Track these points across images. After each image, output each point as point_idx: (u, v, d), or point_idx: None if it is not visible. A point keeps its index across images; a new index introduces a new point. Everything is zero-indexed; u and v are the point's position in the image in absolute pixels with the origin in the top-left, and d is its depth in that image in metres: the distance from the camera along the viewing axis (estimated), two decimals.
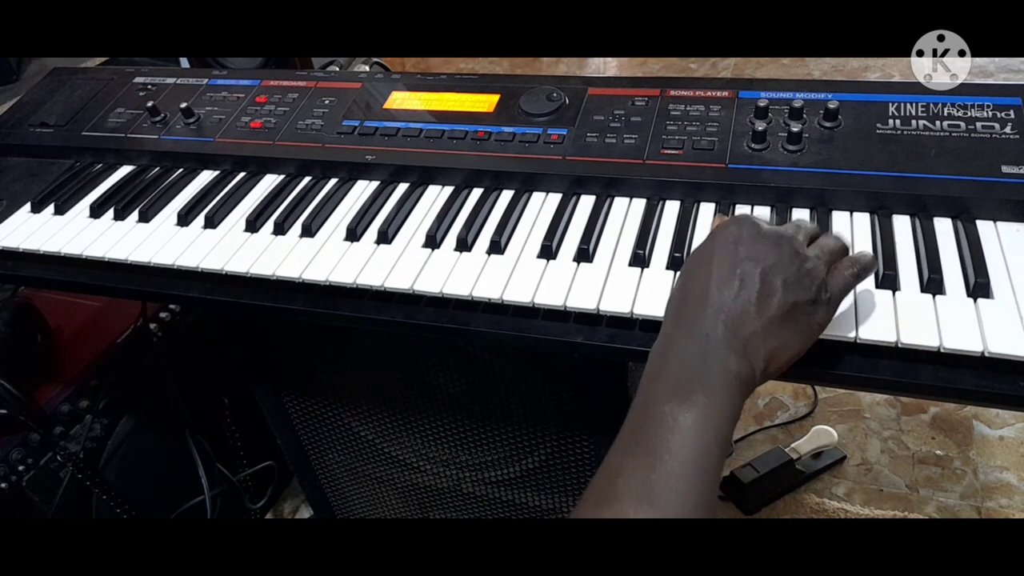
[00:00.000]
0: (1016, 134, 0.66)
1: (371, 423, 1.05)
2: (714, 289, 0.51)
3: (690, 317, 0.51)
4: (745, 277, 0.50)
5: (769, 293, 0.50)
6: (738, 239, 0.52)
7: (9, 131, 0.99)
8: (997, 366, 0.54)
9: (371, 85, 0.91)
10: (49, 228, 0.84)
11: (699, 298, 0.51)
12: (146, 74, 1.02)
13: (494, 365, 0.87)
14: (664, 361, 0.50)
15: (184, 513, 1.29)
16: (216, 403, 1.29)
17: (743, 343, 0.49)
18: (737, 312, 0.49)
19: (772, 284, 0.50)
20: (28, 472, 1.05)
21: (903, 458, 1.45)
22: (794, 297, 0.50)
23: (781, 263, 0.51)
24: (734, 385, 0.48)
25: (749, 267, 0.51)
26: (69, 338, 1.18)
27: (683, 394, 0.47)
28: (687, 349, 0.49)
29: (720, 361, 0.48)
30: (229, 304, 0.76)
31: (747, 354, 0.49)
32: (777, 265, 0.51)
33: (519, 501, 1.02)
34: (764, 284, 0.50)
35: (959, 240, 0.63)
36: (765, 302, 0.50)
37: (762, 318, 0.49)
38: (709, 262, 0.52)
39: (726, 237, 0.53)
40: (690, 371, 0.48)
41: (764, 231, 0.53)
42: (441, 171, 0.80)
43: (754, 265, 0.51)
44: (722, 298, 0.50)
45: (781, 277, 0.50)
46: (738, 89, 0.77)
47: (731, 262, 0.51)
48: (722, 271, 0.51)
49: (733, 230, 0.53)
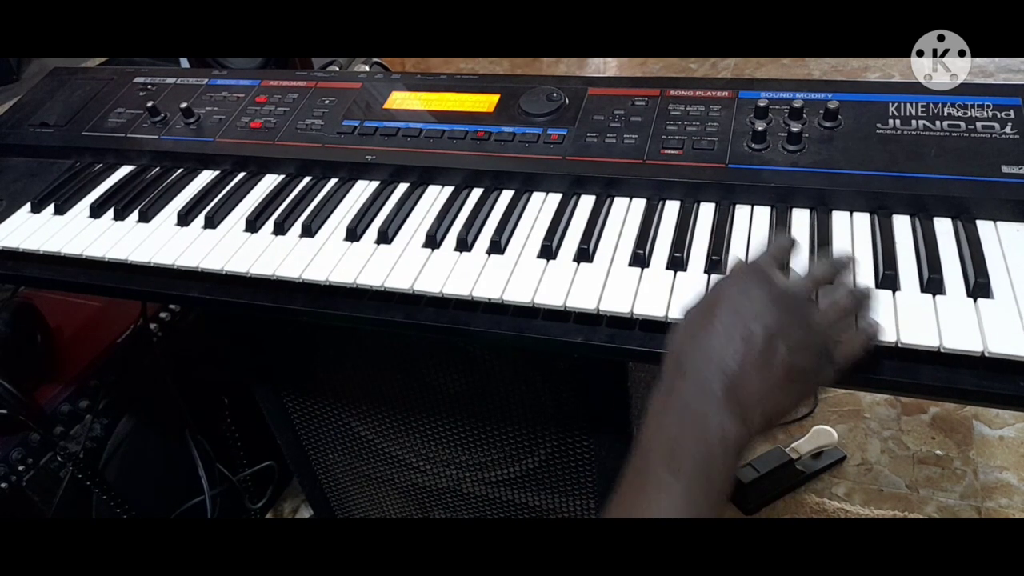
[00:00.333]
0: (1016, 134, 0.66)
1: (371, 423, 1.05)
2: (717, 345, 0.50)
3: (692, 369, 0.50)
4: (750, 338, 0.49)
5: (773, 358, 0.49)
6: (746, 294, 0.51)
7: (9, 131, 0.99)
8: (997, 366, 0.54)
9: (371, 85, 0.91)
10: (49, 228, 0.84)
11: (703, 352, 0.50)
12: (146, 74, 1.02)
13: (494, 365, 0.87)
14: (664, 414, 0.50)
15: (184, 513, 1.29)
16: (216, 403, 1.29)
17: (742, 406, 0.48)
18: (737, 373, 0.49)
19: (776, 349, 0.49)
20: (28, 472, 1.05)
21: (903, 458, 1.45)
22: (799, 363, 0.50)
23: (788, 327, 0.50)
24: (731, 449, 0.48)
25: (756, 327, 0.50)
26: (69, 338, 1.18)
27: (680, 458, 0.47)
28: (688, 404, 0.49)
29: (718, 425, 0.48)
30: (229, 304, 0.76)
31: (744, 418, 0.48)
32: (784, 329, 0.50)
33: (519, 501, 1.02)
34: (768, 348, 0.49)
35: (959, 240, 0.63)
36: (768, 366, 0.49)
37: (764, 382, 0.49)
38: (714, 315, 0.51)
39: (734, 290, 0.52)
40: (689, 432, 0.48)
41: (774, 288, 0.52)
42: (441, 171, 0.80)
43: (760, 327, 0.50)
44: (725, 356, 0.49)
45: (787, 343, 0.49)
46: (738, 89, 0.77)
47: (737, 319, 0.50)
48: (728, 327, 0.50)
49: (742, 283, 0.52)
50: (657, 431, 0.50)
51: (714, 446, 0.47)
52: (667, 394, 0.51)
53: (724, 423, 0.48)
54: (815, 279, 0.55)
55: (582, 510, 0.98)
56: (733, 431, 0.48)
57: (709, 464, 0.47)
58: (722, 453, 0.47)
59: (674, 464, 0.47)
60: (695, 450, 0.47)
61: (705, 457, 0.47)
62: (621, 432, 0.86)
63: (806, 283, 0.54)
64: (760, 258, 0.55)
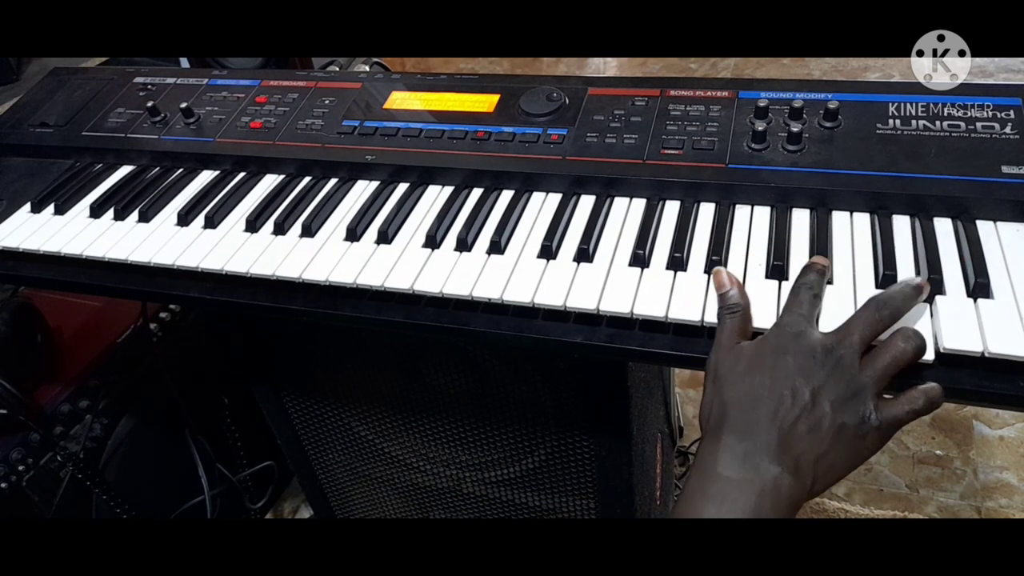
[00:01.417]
0: (1016, 134, 0.66)
1: (371, 423, 1.05)
2: (768, 396, 0.50)
3: (741, 420, 0.50)
4: (796, 393, 0.50)
5: (818, 414, 0.49)
6: (789, 351, 0.52)
7: (9, 131, 0.99)
8: (997, 366, 0.54)
9: (371, 85, 0.91)
10: (49, 228, 0.84)
11: (751, 404, 0.50)
12: (146, 74, 1.02)
13: (494, 365, 0.87)
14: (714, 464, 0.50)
15: (184, 513, 1.29)
16: (216, 403, 1.29)
17: (795, 461, 0.48)
18: (790, 426, 0.49)
19: (821, 405, 0.49)
20: (28, 472, 1.05)
21: (903, 458, 1.45)
22: (842, 419, 0.49)
23: (830, 384, 0.50)
24: (783, 505, 0.47)
25: (800, 383, 0.50)
26: (69, 338, 1.18)
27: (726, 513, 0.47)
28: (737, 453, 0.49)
29: (772, 477, 0.48)
30: (229, 304, 0.76)
31: (798, 473, 0.48)
32: (827, 386, 0.50)
33: (519, 501, 1.02)
34: (814, 404, 0.49)
35: (959, 240, 0.62)
36: (817, 422, 0.49)
37: (813, 439, 0.49)
38: (760, 370, 0.52)
39: (777, 347, 0.52)
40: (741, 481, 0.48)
41: (814, 345, 0.52)
42: (441, 171, 0.80)
43: (805, 382, 0.50)
44: (775, 407, 0.49)
45: (830, 397, 0.50)
46: (738, 89, 0.77)
47: (783, 373, 0.51)
48: (774, 382, 0.50)
49: (784, 340, 0.53)
50: (705, 482, 0.49)
51: (764, 503, 0.47)
52: (713, 447, 0.51)
53: (777, 478, 0.48)
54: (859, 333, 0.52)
55: (582, 510, 0.98)
56: (786, 486, 0.48)
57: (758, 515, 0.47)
58: (772, 507, 0.47)
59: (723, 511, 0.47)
60: (743, 507, 0.47)
61: (754, 513, 0.47)
62: (621, 432, 0.86)
63: (849, 339, 0.52)
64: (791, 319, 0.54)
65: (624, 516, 0.95)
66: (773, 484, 0.47)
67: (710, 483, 0.49)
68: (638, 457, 0.92)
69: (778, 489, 0.47)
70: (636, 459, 0.91)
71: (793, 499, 0.48)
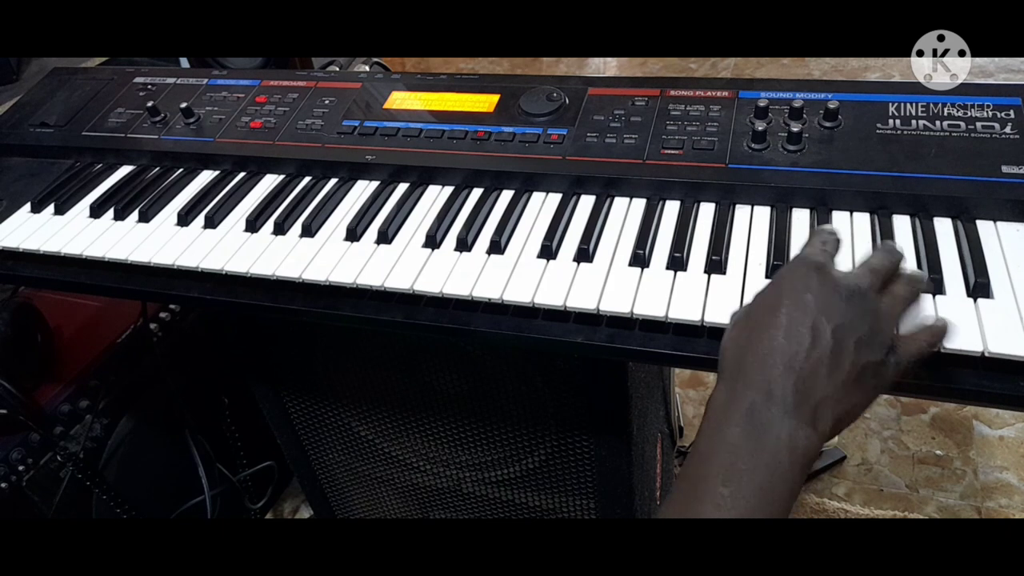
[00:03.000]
0: (1016, 134, 0.66)
1: (371, 423, 1.05)
2: (783, 343, 0.47)
3: (755, 371, 0.47)
4: (817, 334, 0.46)
5: (842, 354, 0.46)
6: (808, 288, 0.48)
7: (9, 131, 0.99)
8: (997, 366, 0.54)
9: (371, 85, 0.91)
10: (49, 228, 0.84)
11: (767, 351, 0.47)
12: (146, 74, 1.02)
13: (494, 365, 0.87)
14: (724, 421, 0.46)
15: (184, 513, 1.29)
16: (216, 403, 1.29)
17: (813, 410, 0.45)
18: (808, 373, 0.46)
19: (845, 345, 0.46)
20: (28, 472, 1.05)
21: (903, 458, 1.45)
22: (865, 358, 0.47)
23: (854, 322, 0.47)
24: (799, 460, 0.45)
25: (822, 323, 0.47)
26: (69, 338, 1.18)
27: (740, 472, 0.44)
28: (752, 410, 0.46)
29: (788, 432, 0.45)
30: (229, 304, 0.76)
31: (816, 423, 0.45)
32: (851, 324, 0.47)
33: (519, 501, 1.02)
34: (837, 344, 0.46)
35: (959, 240, 0.63)
36: (838, 364, 0.46)
37: (833, 381, 0.46)
38: (776, 311, 0.48)
39: (795, 284, 0.49)
40: (752, 441, 0.45)
41: (837, 281, 0.49)
42: (441, 171, 0.80)
43: (827, 321, 0.47)
44: (793, 354, 0.46)
45: (854, 337, 0.47)
46: (738, 89, 0.77)
47: (802, 314, 0.47)
48: (792, 323, 0.47)
49: (803, 277, 0.49)
50: (715, 440, 0.46)
51: (781, 457, 0.44)
52: (727, 399, 0.47)
53: (794, 430, 0.45)
54: (876, 271, 0.51)
55: (582, 510, 0.98)
56: (802, 439, 0.45)
57: (772, 478, 0.44)
58: (789, 464, 0.44)
59: (733, 478, 0.44)
60: (758, 462, 0.44)
61: (769, 470, 0.44)
62: (621, 432, 0.86)
63: (869, 276, 0.50)
64: (813, 252, 0.52)
65: (624, 516, 0.95)
66: (789, 439, 0.44)
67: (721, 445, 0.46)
68: (638, 457, 0.92)
69: (794, 443, 0.44)
70: (636, 459, 0.91)
71: (811, 450, 0.45)
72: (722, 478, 0.44)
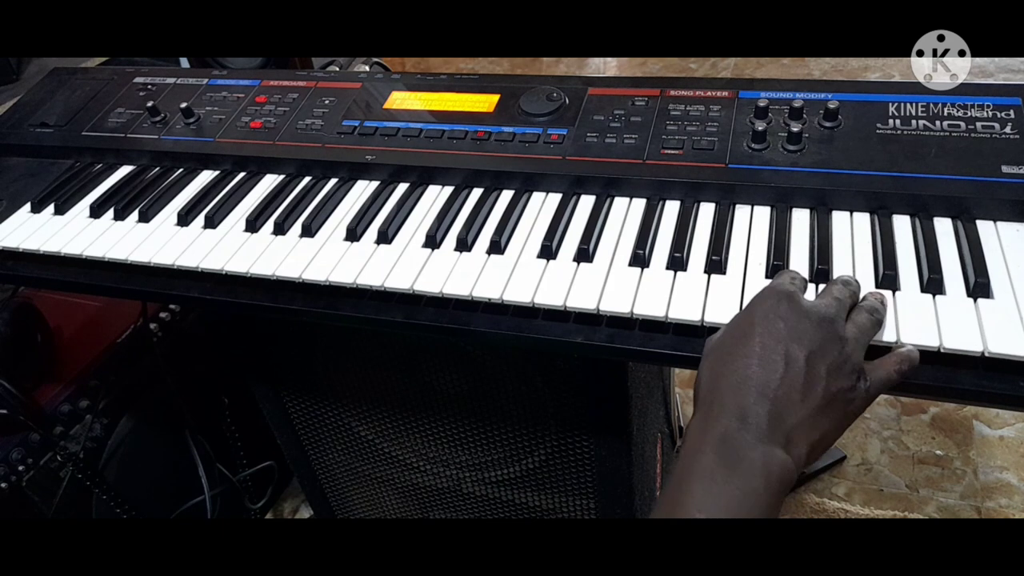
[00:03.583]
0: (1016, 134, 0.66)
1: (371, 423, 1.05)
2: (756, 369, 0.47)
3: (730, 397, 0.47)
4: (790, 360, 0.47)
5: (814, 380, 0.47)
6: (780, 316, 0.50)
7: (9, 131, 0.99)
8: (997, 366, 0.54)
9: (371, 85, 0.91)
10: (49, 228, 0.84)
11: (741, 378, 0.48)
12: (146, 74, 1.02)
13: (494, 365, 0.87)
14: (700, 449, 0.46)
15: (184, 513, 1.29)
16: (216, 403, 1.29)
17: (787, 436, 0.46)
18: (782, 399, 0.46)
19: (816, 370, 0.47)
20: (28, 472, 1.05)
21: (903, 458, 1.45)
22: (837, 384, 0.48)
23: (824, 348, 0.48)
24: (775, 486, 0.45)
25: (794, 349, 0.48)
26: (69, 338, 1.18)
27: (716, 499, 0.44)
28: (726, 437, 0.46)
29: (761, 458, 0.45)
30: (229, 304, 0.76)
31: (790, 447, 0.46)
32: (822, 350, 0.48)
33: (519, 501, 1.02)
34: (810, 369, 0.47)
35: (959, 240, 0.62)
36: (810, 389, 0.47)
37: (807, 407, 0.47)
38: (749, 338, 0.49)
39: (767, 312, 0.50)
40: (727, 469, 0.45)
41: (806, 309, 0.50)
42: (441, 171, 0.80)
43: (799, 348, 0.48)
44: (766, 381, 0.47)
45: (825, 363, 0.48)
46: (738, 89, 0.77)
47: (774, 341, 0.48)
48: (766, 350, 0.48)
49: (774, 305, 0.51)
50: (691, 465, 0.46)
51: (756, 483, 0.44)
52: (701, 426, 0.48)
53: (768, 455, 0.45)
54: (840, 300, 0.53)
55: (582, 510, 0.98)
56: (777, 464, 0.45)
57: (747, 503, 0.44)
58: (764, 489, 0.44)
59: (707, 504, 0.44)
60: (732, 487, 0.44)
61: (743, 495, 0.44)
62: (621, 432, 0.86)
63: (835, 304, 0.52)
64: (783, 282, 0.53)
65: (624, 516, 0.95)
66: (763, 464, 0.45)
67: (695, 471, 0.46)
68: (638, 457, 0.92)
69: (768, 468, 0.45)
70: (636, 459, 0.91)
71: (786, 476, 0.45)
72: (696, 505, 0.44)
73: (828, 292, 0.54)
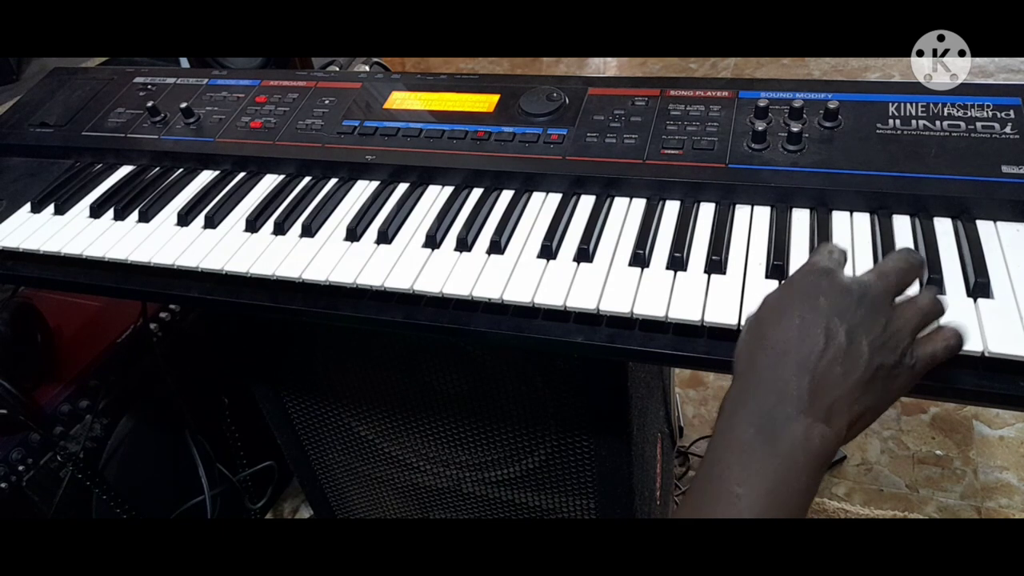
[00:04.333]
0: (1016, 134, 0.66)
1: (371, 423, 1.05)
2: (797, 342, 0.46)
3: (768, 370, 0.47)
4: (831, 335, 0.46)
5: (855, 355, 0.46)
6: (820, 291, 0.48)
7: (9, 131, 0.99)
8: (997, 366, 0.54)
9: (371, 85, 0.91)
10: (49, 228, 0.84)
11: (781, 350, 0.47)
12: (146, 74, 1.02)
13: (494, 365, 0.87)
14: (738, 421, 0.46)
15: (184, 513, 1.29)
16: (216, 403, 1.29)
17: (828, 409, 0.45)
18: (822, 372, 0.45)
19: (859, 345, 0.46)
20: (28, 472, 1.05)
21: (903, 458, 1.45)
22: (879, 360, 0.46)
23: (867, 323, 0.47)
24: (814, 459, 0.44)
25: (835, 324, 0.46)
26: (69, 338, 1.18)
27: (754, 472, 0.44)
28: (765, 410, 0.45)
29: (802, 431, 0.44)
30: (229, 304, 0.76)
31: (831, 422, 0.45)
32: (864, 325, 0.47)
33: (519, 501, 1.02)
34: (851, 344, 0.46)
35: (959, 240, 0.62)
36: (852, 364, 0.46)
37: (848, 382, 0.46)
38: (789, 312, 0.48)
39: (807, 287, 0.49)
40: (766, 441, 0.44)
41: (847, 285, 0.49)
42: (441, 171, 0.80)
43: (840, 322, 0.46)
44: (807, 354, 0.46)
45: (868, 338, 0.46)
46: (738, 89, 0.77)
47: (815, 315, 0.47)
48: (806, 324, 0.47)
49: (813, 281, 0.49)
50: (729, 440, 0.46)
51: (796, 456, 0.44)
52: (740, 398, 0.47)
53: (808, 429, 0.44)
54: (885, 274, 0.50)
55: (582, 510, 0.98)
56: (817, 437, 0.44)
57: (787, 477, 0.43)
58: (804, 463, 0.44)
59: (747, 478, 0.43)
60: (772, 461, 0.44)
61: (784, 469, 0.43)
62: (621, 432, 0.86)
63: (880, 279, 0.50)
64: (821, 259, 0.51)
65: (624, 516, 0.95)
66: (803, 438, 0.44)
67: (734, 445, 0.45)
68: (638, 457, 0.92)
69: (809, 442, 0.44)
70: (636, 459, 0.91)
71: (827, 449, 0.44)
72: (736, 478, 0.44)
73: (877, 267, 0.51)
